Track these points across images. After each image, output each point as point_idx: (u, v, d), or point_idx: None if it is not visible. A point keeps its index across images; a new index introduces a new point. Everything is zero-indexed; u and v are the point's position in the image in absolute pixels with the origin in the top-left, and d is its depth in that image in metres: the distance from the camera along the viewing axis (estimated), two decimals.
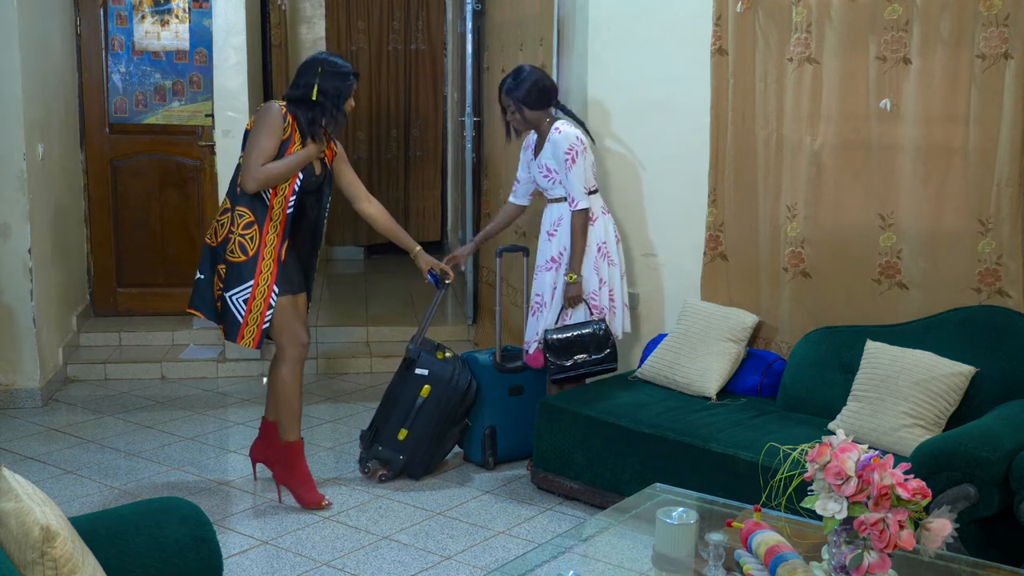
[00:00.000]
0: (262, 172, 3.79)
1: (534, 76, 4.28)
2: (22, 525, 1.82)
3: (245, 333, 3.88)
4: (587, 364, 4.22)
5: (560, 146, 4.20)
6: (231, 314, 3.87)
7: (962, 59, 3.69)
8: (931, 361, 3.54)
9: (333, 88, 3.89)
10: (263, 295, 3.85)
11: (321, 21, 8.63)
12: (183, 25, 6.44)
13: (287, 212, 3.87)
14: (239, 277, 3.84)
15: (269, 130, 3.82)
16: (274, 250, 3.86)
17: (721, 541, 2.41)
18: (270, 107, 3.87)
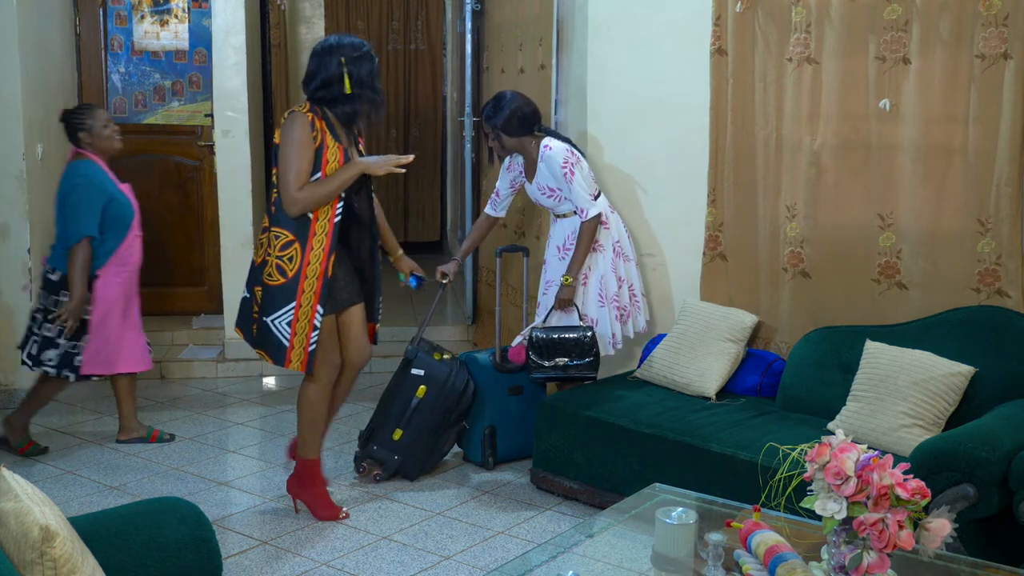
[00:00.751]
0: (302, 197, 3.54)
1: (514, 104, 4.28)
2: (21, 525, 1.82)
3: (292, 357, 3.67)
4: (567, 368, 4.22)
5: (555, 162, 4.23)
6: (275, 338, 3.65)
7: (961, 59, 3.69)
8: (930, 361, 3.54)
9: (366, 72, 3.65)
10: (307, 316, 3.63)
11: (321, 21, 8.63)
12: (182, 25, 6.44)
13: (334, 221, 3.63)
14: (278, 301, 3.63)
15: (299, 146, 3.55)
16: (319, 266, 3.62)
17: (720, 541, 2.41)
18: (294, 119, 3.60)
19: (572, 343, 4.21)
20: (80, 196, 4.33)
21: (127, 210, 4.46)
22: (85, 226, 4.32)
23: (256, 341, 3.75)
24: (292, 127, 3.58)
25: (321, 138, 3.60)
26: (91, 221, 4.33)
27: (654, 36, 4.63)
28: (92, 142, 4.43)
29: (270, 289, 3.64)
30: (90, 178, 4.37)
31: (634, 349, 4.68)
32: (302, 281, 3.62)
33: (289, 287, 3.62)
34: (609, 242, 4.34)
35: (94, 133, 4.42)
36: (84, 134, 4.41)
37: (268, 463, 4.55)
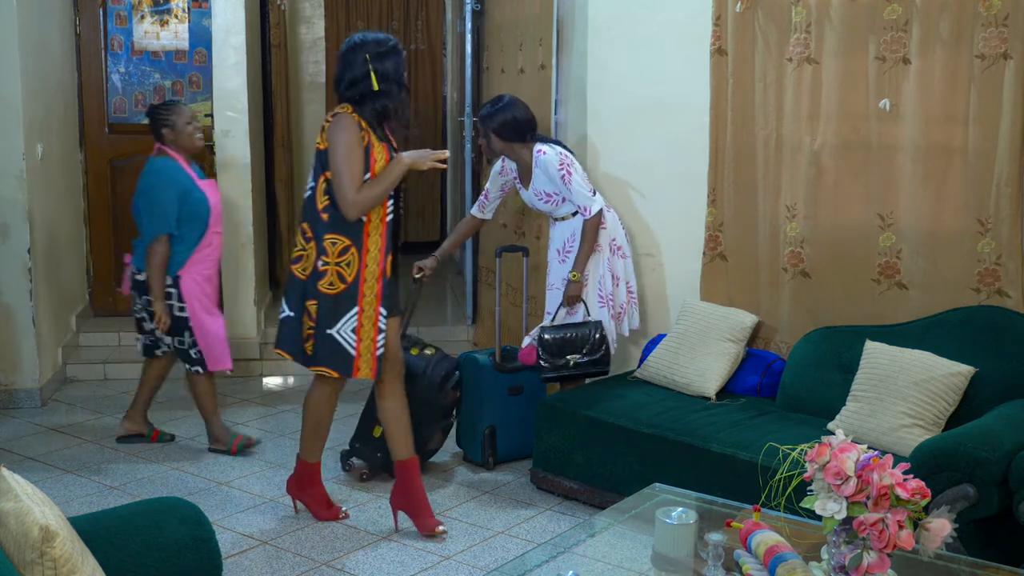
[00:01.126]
0: (361, 199, 3.46)
1: (511, 109, 4.29)
2: (22, 525, 1.82)
3: (361, 365, 3.57)
4: (579, 366, 4.23)
5: (551, 165, 4.24)
6: (341, 349, 3.56)
7: (961, 59, 3.69)
8: (930, 361, 3.54)
9: (392, 68, 3.53)
10: (371, 320, 3.56)
11: (320, 21, 8.63)
12: (182, 25, 6.43)
13: (387, 221, 3.56)
14: (342, 308, 3.53)
15: (350, 148, 3.46)
16: (377, 267, 3.55)
17: (720, 541, 2.41)
18: (340, 121, 3.49)
19: (582, 340, 4.23)
20: (156, 193, 4.37)
21: (204, 207, 4.44)
22: (161, 223, 4.35)
23: (314, 359, 3.61)
24: (340, 129, 3.49)
25: (368, 138, 3.52)
26: (167, 218, 4.35)
27: (654, 36, 4.63)
28: (175, 139, 4.45)
29: (330, 298, 3.53)
30: (166, 174, 4.39)
31: (632, 349, 4.68)
32: (361, 284, 3.54)
33: (349, 292, 3.53)
34: (606, 241, 4.35)
35: (177, 130, 4.44)
36: (167, 131, 4.43)
37: (268, 463, 4.55)
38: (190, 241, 4.43)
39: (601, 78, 4.75)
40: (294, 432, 4.93)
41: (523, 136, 4.32)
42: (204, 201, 4.44)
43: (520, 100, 4.38)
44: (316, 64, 8.72)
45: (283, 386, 5.80)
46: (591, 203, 4.26)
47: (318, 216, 3.55)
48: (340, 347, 3.57)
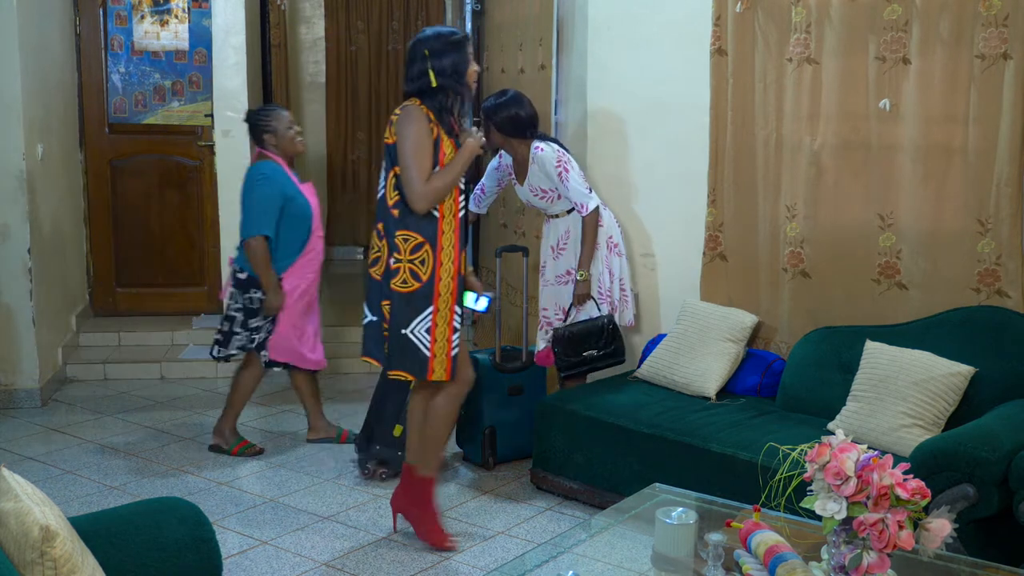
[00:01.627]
0: (430, 190, 3.37)
1: (514, 105, 4.30)
2: (22, 525, 1.82)
3: (435, 366, 3.47)
4: (596, 359, 4.30)
5: (548, 162, 4.26)
6: (415, 349, 3.45)
7: (961, 59, 3.69)
8: (930, 361, 3.54)
9: (450, 64, 3.43)
10: (446, 319, 3.46)
11: (321, 21, 8.63)
12: (182, 25, 6.43)
13: (459, 216, 3.49)
14: (416, 307, 3.44)
15: (418, 139, 3.38)
16: (452, 264, 3.46)
17: (720, 541, 2.41)
18: (409, 113, 3.42)
19: (597, 332, 4.28)
20: (257, 196, 4.39)
21: (305, 210, 4.47)
22: (258, 225, 4.37)
23: (390, 362, 3.51)
24: (408, 123, 3.41)
25: (436, 131, 3.43)
26: (265, 220, 4.38)
27: (654, 36, 4.64)
28: (276, 143, 4.48)
29: (404, 297, 3.44)
30: (269, 178, 4.41)
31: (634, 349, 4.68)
32: (437, 283, 3.45)
33: (425, 291, 3.44)
34: (603, 238, 4.37)
35: (279, 135, 4.47)
36: (269, 135, 4.46)
37: (268, 463, 4.55)
38: (295, 246, 4.46)
39: (601, 78, 4.75)
40: (293, 432, 4.94)
41: (523, 133, 4.32)
42: (307, 205, 4.48)
43: (524, 96, 4.39)
44: (316, 64, 8.72)
45: (282, 386, 5.80)
46: (588, 200, 4.27)
47: (389, 212, 3.47)
48: (413, 347, 3.46)
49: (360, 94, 8.69)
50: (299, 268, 4.50)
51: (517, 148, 4.36)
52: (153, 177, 6.51)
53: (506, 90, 4.42)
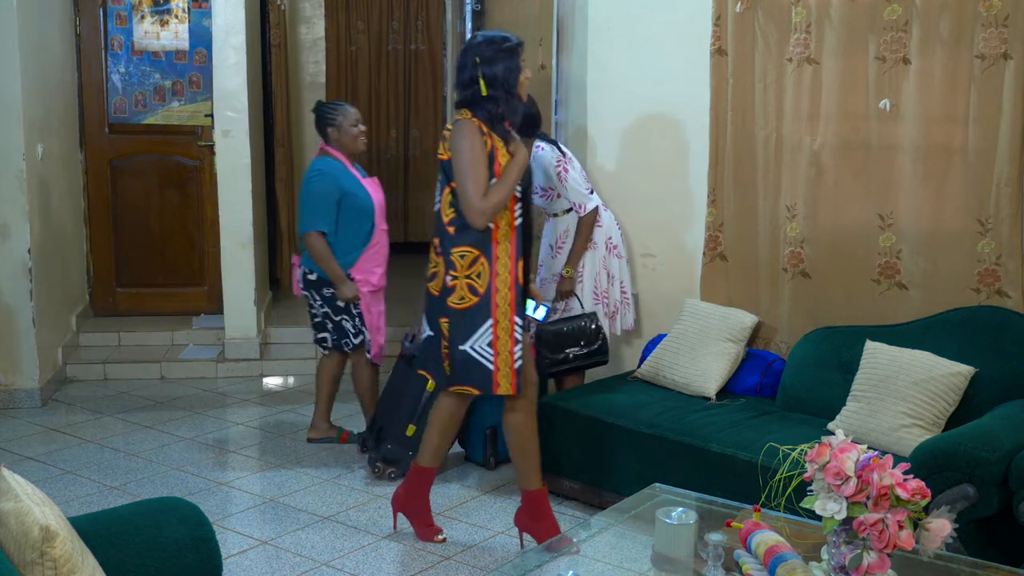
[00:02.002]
0: (488, 206, 3.31)
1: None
2: (22, 525, 1.82)
3: (500, 380, 3.41)
4: (578, 358, 4.29)
5: (547, 161, 4.29)
6: (478, 364, 3.42)
7: (961, 59, 3.69)
8: (930, 361, 3.54)
9: (501, 71, 3.35)
10: (507, 331, 3.40)
11: (321, 21, 8.62)
12: (182, 25, 6.43)
13: (515, 224, 3.42)
14: (474, 323, 3.40)
15: (473, 154, 3.32)
16: (508, 275, 3.40)
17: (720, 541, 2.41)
18: (460, 127, 3.36)
19: (578, 332, 4.28)
20: (310, 192, 4.41)
21: (366, 203, 4.46)
22: (312, 221, 4.39)
23: (452, 379, 3.49)
24: (461, 137, 3.35)
25: (491, 142, 3.37)
26: (319, 216, 4.39)
27: (654, 36, 4.64)
28: (339, 139, 4.49)
29: (461, 313, 3.40)
30: (323, 173, 4.43)
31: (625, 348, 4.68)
32: (494, 295, 3.39)
33: (482, 305, 3.39)
34: (602, 239, 4.39)
35: (342, 130, 4.49)
36: (332, 130, 4.48)
37: (268, 463, 4.55)
38: (357, 239, 4.46)
39: (601, 78, 4.75)
40: (293, 432, 4.94)
41: (526, 132, 4.31)
42: (368, 199, 4.47)
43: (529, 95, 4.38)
44: (316, 64, 8.72)
45: (283, 386, 5.80)
46: (587, 200, 4.29)
47: (445, 229, 3.42)
48: (476, 363, 3.41)
49: (360, 94, 8.68)
50: (365, 261, 4.49)
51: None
52: (153, 177, 6.51)
53: None
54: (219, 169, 5.91)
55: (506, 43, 3.39)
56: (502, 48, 3.37)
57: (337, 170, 4.45)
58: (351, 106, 4.61)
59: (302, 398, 5.52)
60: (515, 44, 3.40)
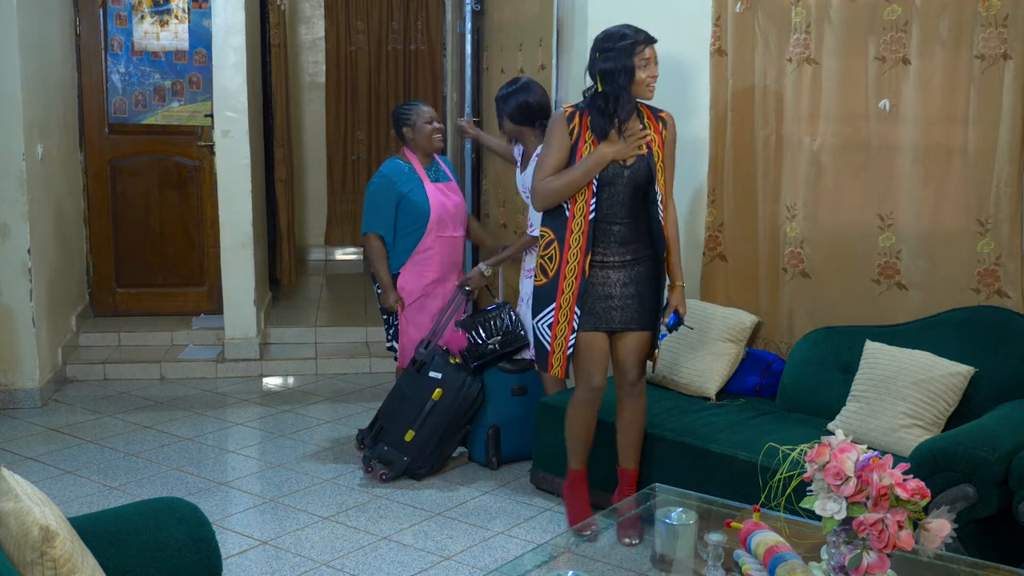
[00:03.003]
0: (542, 187, 3.45)
1: (524, 94, 4.31)
2: (21, 525, 1.82)
3: (553, 361, 3.56)
4: (502, 345, 4.39)
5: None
6: (539, 341, 3.60)
7: (961, 60, 3.69)
8: (930, 361, 3.54)
9: (618, 67, 3.40)
10: (566, 318, 3.50)
11: (320, 21, 8.63)
12: (182, 25, 6.43)
13: (589, 218, 3.44)
14: (541, 302, 3.56)
15: (548, 141, 3.49)
16: (577, 265, 3.46)
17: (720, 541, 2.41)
18: (552, 117, 3.59)
19: (497, 324, 4.39)
20: (370, 194, 4.47)
21: (420, 211, 4.43)
22: (369, 223, 4.46)
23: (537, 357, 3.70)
24: (549, 124, 3.60)
25: (579, 132, 3.46)
26: (374, 218, 4.44)
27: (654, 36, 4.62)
28: (413, 138, 4.50)
29: (536, 290, 3.60)
30: (383, 176, 4.46)
31: None
32: (561, 281, 3.50)
33: (549, 287, 3.53)
34: None
35: (416, 129, 4.49)
36: (407, 129, 4.50)
37: (268, 463, 4.55)
38: (407, 244, 4.47)
39: None
40: (293, 432, 4.94)
41: (531, 121, 4.32)
42: (422, 206, 4.43)
43: (537, 84, 4.40)
44: (316, 64, 8.72)
45: (283, 386, 5.80)
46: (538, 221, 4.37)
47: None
48: (540, 340, 3.60)
49: (360, 94, 8.69)
50: (411, 267, 4.48)
51: (527, 138, 4.36)
52: (153, 177, 6.51)
53: (517, 78, 4.45)
54: (219, 169, 5.91)
55: (623, 40, 3.44)
56: (618, 44, 3.43)
57: (399, 173, 4.45)
58: (425, 104, 4.61)
59: (302, 398, 5.52)
60: (631, 42, 3.42)
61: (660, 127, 3.56)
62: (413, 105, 4.56)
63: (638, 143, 3.46)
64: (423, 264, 4.49)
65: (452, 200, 4.55)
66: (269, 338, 6.25)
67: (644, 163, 3.47)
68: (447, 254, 4.53)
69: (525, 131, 4.34)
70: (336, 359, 6.07)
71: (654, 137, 3.52)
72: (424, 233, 4.45)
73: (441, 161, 4.66)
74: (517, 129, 4.36)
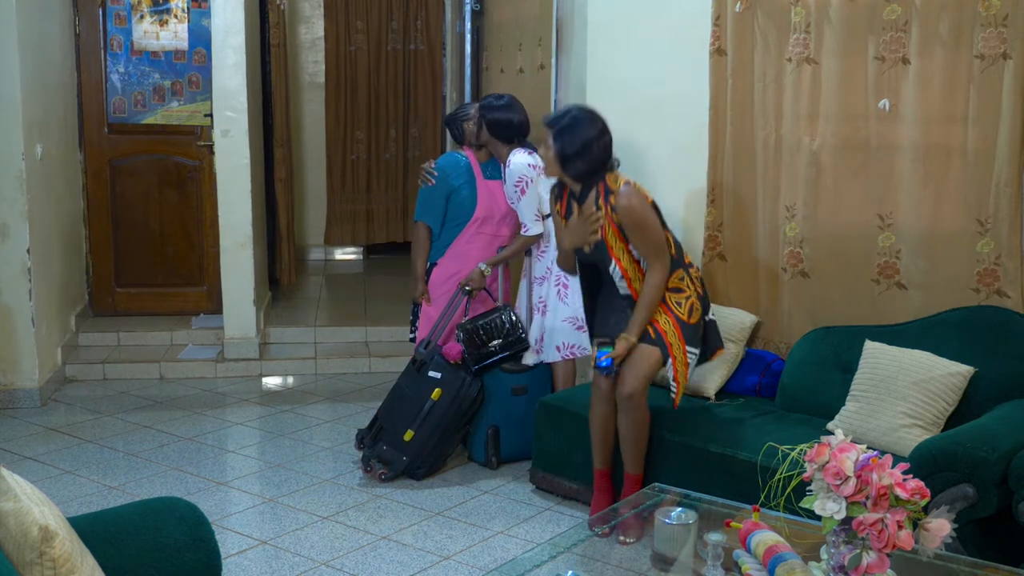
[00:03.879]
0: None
1: (509, 112, 4.45)
2: (21, 525, 1.82)
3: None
4: (502, 347, 4.41)
5: (512, 175, 4.42)
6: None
7: (961, 59, 3.69)
8: (929, 361, 3.54)
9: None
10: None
11: (320, 21, 8.63)
12: (182, 25, 6.43)
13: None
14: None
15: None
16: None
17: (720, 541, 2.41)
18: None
19: (499, 325, 4.42)
20: (425, 185, 4.57)
21: (465, 203, 4.53)
22: (420, 212, 4.61)
23: None
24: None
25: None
26: (424, 209, 4.59)
27: (654, 36, 4.63)
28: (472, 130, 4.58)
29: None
30: (441, 168, 4.57)
31: None
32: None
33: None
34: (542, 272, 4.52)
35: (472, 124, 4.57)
36: (468, 123, 4.59)
37: (268, 463, 4.55)
38: (448, 237, 4.57)
39: (601, 78, 4.74)
40: (293, 432, 4.94)
41: (510, 139, 4.48)
42: (469, 200, 4.53)
43: (521, 105, 4.52)
44: (316, 64, 8.72)
45: (282, 386, 5.80)
46: (531, 224, 4.46)
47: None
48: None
49: (359, 94, 8.69)
50: (448, 261, 4.57)
51: (500, 150, 4.51)
52: (152, 177, 6.51)
53: (504, 95, 4.56)
54: (218, 169, 5.90)
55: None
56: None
57: (454, 166, 4.56)
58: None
59: (301, 398, 5.52)
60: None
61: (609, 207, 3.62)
62: (468, 104, 4.75)
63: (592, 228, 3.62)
64: (461, 258, 4.55)
65: (502, 199, 4.61)
66: (269, 338, 6.25)
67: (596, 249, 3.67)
68: (487, 251, 4.60)
69: (498, 144, 4.49)
70: (336, 359, 6.07)
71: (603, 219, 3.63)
72: (464, 227, 4.55)
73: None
74: (491, 140, 4.49)
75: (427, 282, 4.60)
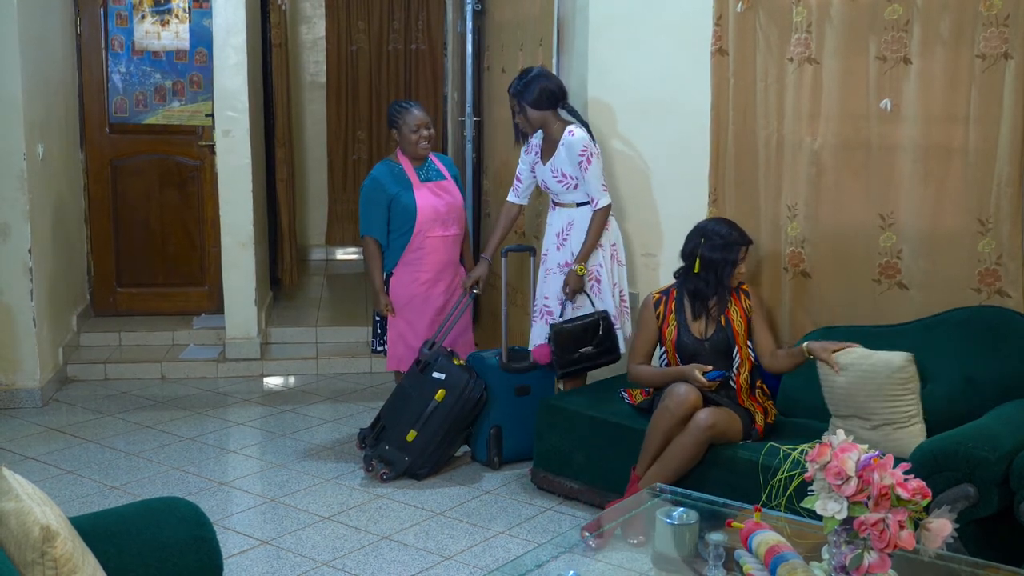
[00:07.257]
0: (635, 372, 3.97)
1: (540, 80, 4.30)
2: (22, 525, 1.82)
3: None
4: (591, 356, 4.26)
5: (575, 148, 4.23)
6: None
7: (962, 59, 3.69)
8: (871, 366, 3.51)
9: (718, 259, 3.83)
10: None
11: (321, 21, 8.63)
12: (183, 25, 6.44)
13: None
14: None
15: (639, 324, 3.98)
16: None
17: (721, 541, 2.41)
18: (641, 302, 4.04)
19: (592, 330, 4.25)
20: (362, 197, 4.53)
21: (408, 212, 4.47)
22: (365, 225, 4.53)
23: None
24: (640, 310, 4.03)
25: (663, 315, 3.94)
26: (366, 222, 4.51)
27: (654, 36, 4.63)
28: (400, 141, 4.54)
29: None
30: (373, 179, 4.52)
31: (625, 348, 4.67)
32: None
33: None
34: (608, 242, 4.36)
35: (402, 133, 4.52)
36: (395, 131, 4.55)
37: (268, 463, 4.55)
38: (399, 244, 4.51)
39: (601, 78, 4.74)
40: (294, 432, 4.94)
41: (555, 103, 4.32)
42: (409, 207, 4.47)
43: (547, 70, 4.45)
44: (317, 64, 8.73)
45: (284, 386, 5.80)
46: (601, 196, 4.28)
47: None
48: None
49: (361, 94, 8.69)
50: (403, 268, 4.52)
51: (552, 124, 4.34)
52: (154, 177, 6.51)
53: (528, 68, 4.44)
54: (219, 169, 5.91)
55: (731, 236, 3.86)
56: (726, 240, 3.85)
57: (388, 175, 4.50)
58: (418, 108, 4.58)
59: (303, 398, 5.52)
60: (737, 242, 3.86)
61: (741, 302, 3.92)
62: (405, 108, 4.55)
63: (708, 387, 3.71)
64: (414, 264, 4.51)
65: (444, 200, 4.55)
66: (270, 338, 6.26)
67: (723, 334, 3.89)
68: (440, 253, 4.54)
69: (549, 117, 4.33)
70: (337, 359, 6.07)
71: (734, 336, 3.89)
72: (410, 233, 4.48)
73: (437, 159, 4.65)
74: (541, 116, 4.32)
75: (387, 293, 4.55)
